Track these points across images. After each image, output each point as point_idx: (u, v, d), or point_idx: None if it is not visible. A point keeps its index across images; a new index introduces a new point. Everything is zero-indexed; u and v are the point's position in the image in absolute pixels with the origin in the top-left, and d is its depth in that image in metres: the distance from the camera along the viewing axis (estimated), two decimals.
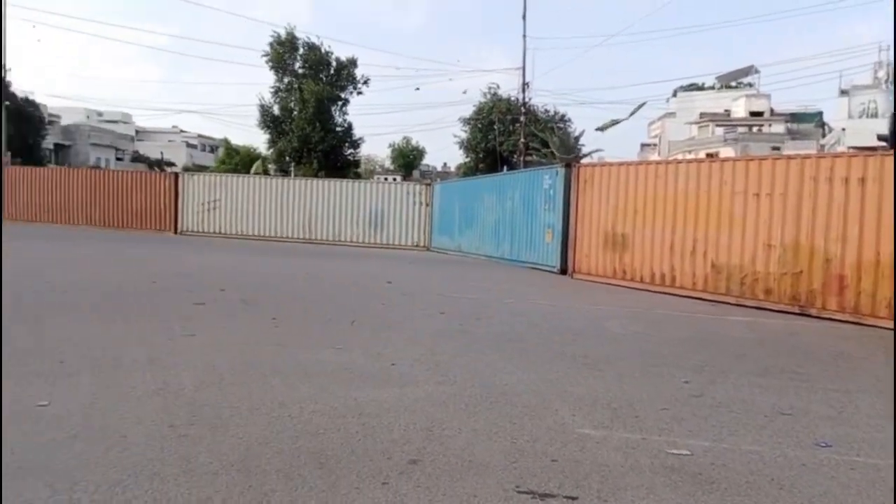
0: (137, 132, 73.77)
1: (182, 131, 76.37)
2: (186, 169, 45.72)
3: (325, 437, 3.85)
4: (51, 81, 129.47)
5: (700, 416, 4.60)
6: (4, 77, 31.98)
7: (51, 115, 55.53)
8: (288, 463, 3.44)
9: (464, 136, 45.20)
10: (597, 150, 36.99)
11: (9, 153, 35.38)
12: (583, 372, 5.79)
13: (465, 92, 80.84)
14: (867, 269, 9.33)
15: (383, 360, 5.88)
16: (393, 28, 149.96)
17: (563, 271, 14.88)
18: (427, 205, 23.33)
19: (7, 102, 36.75)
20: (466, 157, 46.58)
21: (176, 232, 24.91)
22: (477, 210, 20.11)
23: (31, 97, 47.92)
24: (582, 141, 38.08)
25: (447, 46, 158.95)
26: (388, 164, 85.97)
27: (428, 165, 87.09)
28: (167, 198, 25.29)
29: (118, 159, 60.34)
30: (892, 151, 13.14)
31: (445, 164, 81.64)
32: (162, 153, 65.03)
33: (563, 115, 43.44)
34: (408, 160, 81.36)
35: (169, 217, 25.22)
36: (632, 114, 37.35)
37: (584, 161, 25.86)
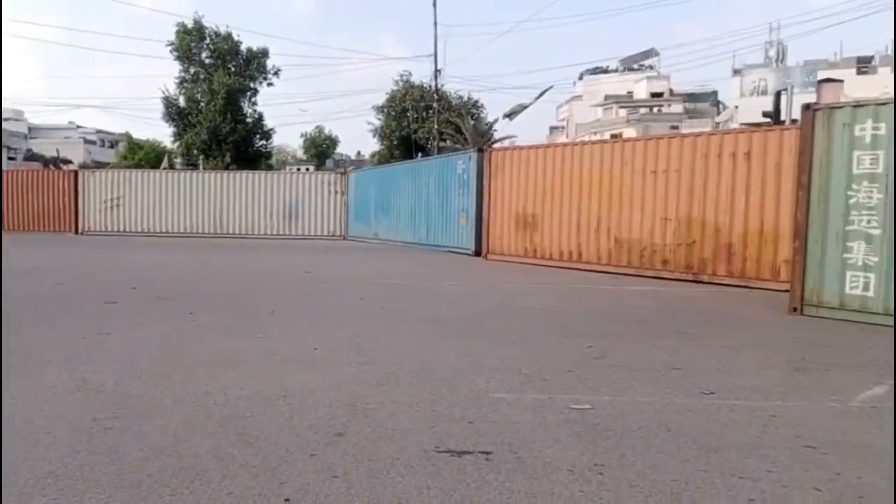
0: (31, 129, 69.45)
1: (79, 127, 72.48)
2: (84, 166, 43.47)
3: (253, 419, 4.00)
4: None
5: (601, 375, 5.03)
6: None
7: None
8: (217, 444, 3.57)
9: (378, 123, 45.09)
10: (509, 137, 37.58)
11: None
12: (497, 345, 6.14)
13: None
14: (752, 237, 10.18)
15: (306, 346, 6.03)
16: (277, 14, 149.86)
17: (478, 253, 15.32)
18: (342, 193, 23.32)
19: None
20: (381, 144, 46.50)
21: (77, 232, 23.85)
22: (392, 197, 20.29)
23: None
24: (496, 126, 38.68)
25: (337, 35, 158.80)
26: (300, 154, 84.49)
27: (341, 154, 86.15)
28: (67, 197, 24.16)
29: (10, 158, 56.65)
30: (774, 127, 14.23)
31: (359, 152, 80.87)
32: (58, 150, 61.46)
33: (475, 101, 44.02)
34: (321, 150, 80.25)
35: (69, 217, 24.12)
36: (536, 98, 37.81)
37: (495, 146, 26.42)
